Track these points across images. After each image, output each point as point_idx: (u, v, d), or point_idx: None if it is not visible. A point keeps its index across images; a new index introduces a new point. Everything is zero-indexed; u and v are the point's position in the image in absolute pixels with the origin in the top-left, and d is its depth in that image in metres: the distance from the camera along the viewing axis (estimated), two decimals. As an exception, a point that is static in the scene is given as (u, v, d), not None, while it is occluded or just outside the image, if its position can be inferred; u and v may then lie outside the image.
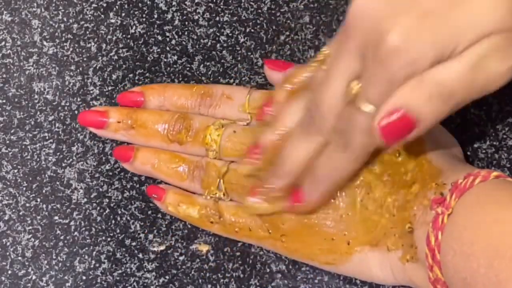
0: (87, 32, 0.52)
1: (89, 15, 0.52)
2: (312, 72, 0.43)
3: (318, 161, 0.41)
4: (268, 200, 0.44)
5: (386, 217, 0.42)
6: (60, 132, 0.50)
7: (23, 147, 0.49)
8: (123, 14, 0.52)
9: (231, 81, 0.50)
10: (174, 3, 0.52)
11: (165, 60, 0.51)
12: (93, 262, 0.47)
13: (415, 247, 0.40)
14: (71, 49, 0.51)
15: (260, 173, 0.44)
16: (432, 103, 0.36)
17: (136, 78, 0.51)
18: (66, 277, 0.47)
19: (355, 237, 0.43)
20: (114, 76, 0.51)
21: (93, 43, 0.51)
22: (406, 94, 0.36)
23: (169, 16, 0.52)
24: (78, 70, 0.51)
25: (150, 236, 0.48)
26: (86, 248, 0.47)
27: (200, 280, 0.47)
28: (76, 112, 0.50)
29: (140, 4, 0.52)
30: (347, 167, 0.41)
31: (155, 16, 0.52)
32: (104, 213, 0.48)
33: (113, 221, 0.48)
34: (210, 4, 0.52)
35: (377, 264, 0.43)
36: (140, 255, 0.47)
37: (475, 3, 0.35)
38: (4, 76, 0.51)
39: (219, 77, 0.51)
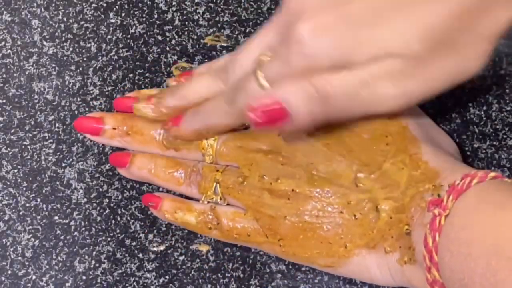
0: (87, 32, 0.52)
1: (89, 15, 0.52)
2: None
3: (207, 101, 0.44)
4: (154, 111, 0.46)
5: (383, 220, 0.42)
6: (60, 132, 0.50)
7: (23, 147, 0.49)
8: (123, 14, 0.52)
9: (231, 81, 0.51)
10: (174, 3, 0.52)
11: (165, 60, 0.51)
12: (93, 262, 0.47)
13: (412, 249, 0.40)
14: (71, 49, 0.51)
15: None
16: (310, 105, 0.38)
17: (136, 78, 0.51)
18: (66, 277, 0.47)
19: (352, 240, 0.43)
20: (114, 76, 0.51)
21: (93, 43, 0.51)
22: (289, 88, 0.38)
23: (169, 16, 0.52)
24: (78, 70, 0.51)
25: (150, 236, 0.48)
26: (86, 248, 0.47)
27: (200, 280, 0.47)
28: (76, 112, 0.50)
29: (140, 4, 0.52)
30: (223, 119, 0.44)
31: (155, 16, 0.52)
32: (104, 213, 0.48)
33: (113, 221, 0.48)
34: (210, 4, 0.52)
35: (376, 266, 0.43)
36: (140, 255, 0.47)
37: (388, 24, 0.37)
38: (4, 76, 0.51)
39: (219, 77, 0.51)
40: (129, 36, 0.52)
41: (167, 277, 0.47)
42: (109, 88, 0.50)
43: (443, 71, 0.38)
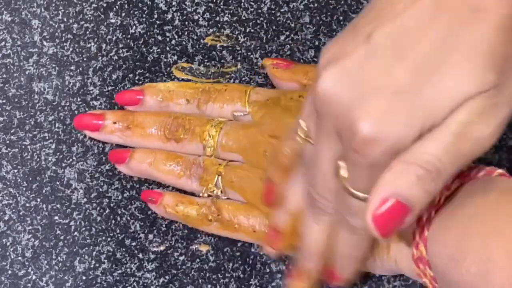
0: (87, 32, 0.52)
1: (89, 15, 0.52)
2: (299, 146, 0.41)
3: (337, 241, 0.41)
4: (310, 279, 0.44)
5: None
6: (60, 132, 0.50)
7: (23, 147, 0.49)
8: (123, 14, 0.52)
9: (231, 81, 0.50)
10: (174, 3, 0.52)
11: (165, 60, 0.51)
12: (93, 262, 0.47)
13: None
14: (71, 49, 0.51)
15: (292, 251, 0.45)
16: (421, 185, 0.34)
17: (136, 78, 0.51)
18: (66, 277, 0.47)
19: None
20: (114, 76, 0.51)
21: (93, 43, 0.51)
22: (393, 181, 0.34)
23: (169, 16, 0.52)
24: (78, 70, 0.51)
25: (150, 236, 0.47)
26: (86, 248, 0.47)
27: (200, 280, 0.47)
28: (76, 112, 0.50)
29: (140, 4, 0.52)
30: (362, 245, 0.41)
31: (155, 16, 0.52)
32: (104, 213, 0.48)
33: (113, 221, 0.48)
34: (210, 4, 0.52)
35: None
36: (140, 255, 0.47)
37: (446, 72, 0.33)
38: (4, 76, 0.51)
39: (219, 77, 0.51)
40: (129, 36, 0.52)
41: (167, 277, 0.47)
42: (109, 88, 0.50)
43: None
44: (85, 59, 0.51)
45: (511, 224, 0.35)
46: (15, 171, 0.49)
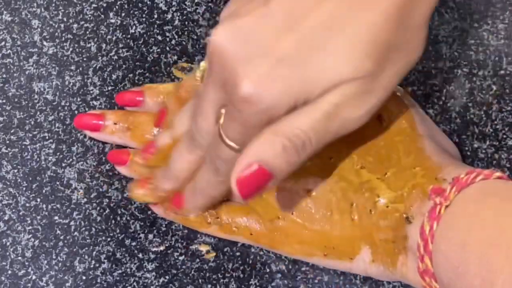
0: (87, 32, 0.52)
1: (89, 15, 0.52)
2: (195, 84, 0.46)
3: (197, 175, 0.43)
4: (152, 195, 0.46)
5: (379, 209, 0.42)
6: (60, 132, 0.50)
7: (23, 147, 0.49)
8: (123, 14, 0.52)
9: (231, 81, 0.50)
10: (174, 3, 0.52)
11: (165, 60, 0.51)
12: (93, 262, 0.47)
13: (406, 238, 0.41)
14: (71, 49, 0.51)
15: (150, 168, 0.46)
16: (285, 156, 0.37)
17: (136, 78, 0.51)
18: (66, 277, 0.47)
19: (350, 235, 0.43)
20: (114, 76, 0.51)
21: (93, 43, 0.51)
22: (260, 148, 0.37)
23: (169, 16, 0.52)
24: (78, 70, 0.51)
25: (150, 236, 0.48)
26: (86, 248, 0.47)
27: (200, 280, 0.47)
28: (76, 112, 0.50)
29: (140, 4, 0.52)
30: (218, 188, 0.43)
31: (155, 16, 0.52)
32: (104, 213, 0.48)
33: (113, 221, 0.48)
34: (210, 4, 0.52)
35: (370, 258, 0.43)
36: (140, 255, 0.47)
37: (329, 51, 0.35)
38: (4, 76, 0.51)
39: (219, 77, 0.51)
40: (129, 36, 0.52)
41: (167, 277, 0.47)
42: (109, 88, 0.50)
43: (395, 73, 0.38)
44: (85, 59, 0.51)
45: (509, 233, 0.35)
46: (15, 171, 0.49)
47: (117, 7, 0.52)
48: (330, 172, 0.43)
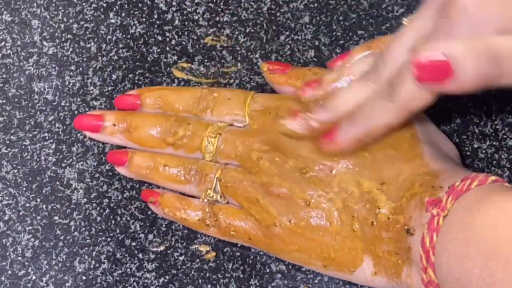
0: (87, 32, 0.52)
1: (89, 15, 0.52)
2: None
3: (361, 105, 0.42)
4: (304, 127, 0.43)
5: (381, 221, 0.42)
6: (60, 132, 0.50)
7: (23, 147, 0.49)
8: (123, 14, 0.52)
9: (231, 81, 0.50)
10: (174, 3, 0.52)
11: (165, 60, 0.51)
12: (93, 262, 0.47)
13: (409, 249, 0.40)
14: (71, 49, 0.51)
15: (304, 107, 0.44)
16: (477, 61, 0.36)
17: (136, 78, 0.51)
18: (66, 277, 0.47)
19: (351, 244, 0.43)
20: (114, 76, 0.51)
21: (93, 43, 0.51)
22: (454, 43, 0.36)
23: (169, 16, 0.52)
24: (78, 70, 0.51)
25: (150, 236, 0.48)
26: (86, 248, 0.47)
27: (200, 280, 0.47)
28: (76, 112, 0.50)
29: (140, 4, 0.52)
30: (386, 117, 0.41)
31: (155, 16, 0.52)
32: (104, 213, 0.48)
33: (113, 221, 0.48)
34: (210, 4, 0.52)
35: (373, 268, 0.43)
36: (140, 255, 0.47)
37: None
38: (4, 76, 0.51)
39: (219, 77, 0.51)
40: (129, 36, 0.52)
41: (167, 277, 0.47)
42: (109, 88, 0.50)
43: None
44: (85, 59, 0.51)
45: (508, 243, 0.35)
46: (15, 171, 0.49)
47: (117, 7, 0.52)
48: (330, 182, 0.43)
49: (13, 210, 0.48)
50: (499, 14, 0.36)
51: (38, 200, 0.48)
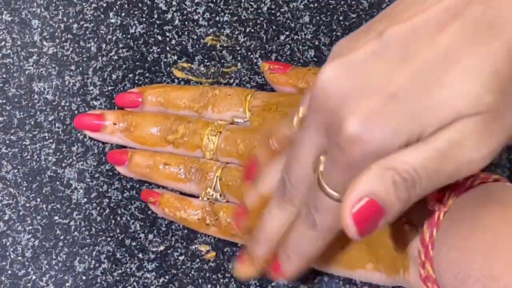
0: (87, 32, 0.52)
1: (89, 15, 0.52)
2: (291, 132, 0.41)
3: (290, 233, 0.41)
4: (255, 265, 0.43)
5: None
6: (60, 132, 0.50)
7: (23, 147, 0.49)
8: (123, 14, 0.52)
9: (231, 81, 0.50)
10: (174, 3, 0.52)
11: (165, 60, 0.51)
12: (93, 262, 0.47)
13: (408, 245, 0.41)
14: (71, 49, 0.51)
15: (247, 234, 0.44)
16: (396, 190, 0.33)
17: (136, 78, 0.51)
18: (66, 277, 0.47)
19: (350, 241, 0.43)
20: (114, 76, 0.51)
21: (93, 43, 0.51)
22: (371, 182, 0.33)
23: (169, 16, 0.52)
24: (78, 70, 0.51)
25: (150, 236, 0.48)
26: (86, 248, 0.47)
27: (200, 280, 0.47)
28: (76, 112, 0.50)
29: (140, 4, 0.52)
30: (316, 244, 0.40)
31: (155, 16, 0.52)
32: (104, 213, 0.48)
33: (113, 221, 0.48)
34: (210, 4, 0.52)
35: (370, 264, 0.43)
36: (140, 255, 0.47)
37: (445, 84, 0.32)
38: (4, 76, 0.51)
39: (219, 77, 0.51)
40: (129, 36, 0.52)
41: (167, 277, 0.47)
42: (109, 88, 0.50)
43: None
44: (85, 59, 0.51)
45: (510, 237, 0.35)
46: (15, 171, 0.49)
47: (117, 7, 0.52)
48: None
49: (13, 210, 0.48)
50: (392, 132, 0.32)
51: (38, 200, 0.48)
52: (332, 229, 0.38)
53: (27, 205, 0.48)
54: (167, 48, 0.51)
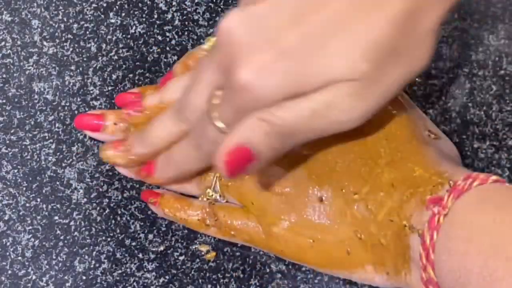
0: (87, 32, 0.52)
1: (89, 15, 0.52)
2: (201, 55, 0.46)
3: (175, 147, 0.44)
4: (122, 157, 0.46)
5: (380, 219, 0.42)
6: (60, 132, 0.50)
7: (23, 147, 0.49)
8: (123, 14, 0.52)
9: (231, 81, 0.50)
10: (174, 3, 0.52)
11: (165, 60, 0.51)
12: (93, 262, 0.47)
13: (408, 248, 0.41)
14: (71, 49, 0.51)
15: (131, 128, 0.47)
16: (269, 140, 0.38)
17: (136, 78, 0.51)
18: (66, 277, 0.47)
19: (351, 244, 0.43)
20: (114, 76, 0.51)
21: (93, 43, 0.51)
22: (247, 130, 0.37)
23: (169, 16, 0.52)
24: (78, 70, 0.51)
25: (150, 236, 0.48)
26: (86, 248, 0.47)
27: (200, 280, 0.47)
28: (76, 112, 0.50)
29: (140, 4, 0.52)
30: (194, 164, 0.44)
31: (155, 16, 0.52)
32: (104, 213, 0.48)
33: (113, 221, 0.48)
34: (210, 4, 0.52)
35: (372, 267, 0.42)
36: (140, 255, 0.47)
37: (329, 49, 0.35)
38: (4, 76, 0.51)
39: (219, 77, 0.51)
40: (129, 36, 0.52)
41: (167, 277, 0.47)
42: (109, 88, 0.50)
43: (394, 79, 0.37)
44: (85, 59, 0.51)
45: (509, 241, 0.35)
46: (15, 171, 0.49)
47: (117, 7, 0.52)
48: (332, 181, 0.43)
49: (13, 210, 0.48)
50: (278, 85, 0.36)
51: (38, 200, 0.48)
52: (211, 155, 0.40)
53: (27, 205, 0.48)
54: (167, 48, 0.51)
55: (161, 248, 0.47)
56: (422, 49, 0.37)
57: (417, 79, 0.49)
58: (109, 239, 0.47)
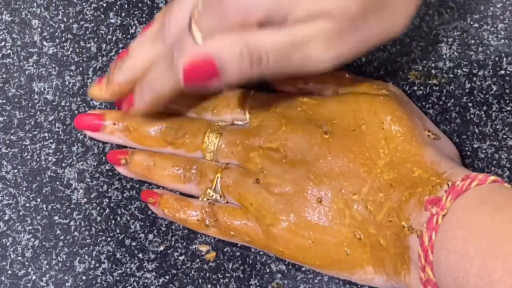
0: (87, 32, 0.52)
1: (89, 15, 0.52)
2: None
3: (150, 68, 0.43)
4: (107, 91, 0.46)
5: (379, 219, 0.42)
6: (60, 132, 0.50)
7: (23, 147, 0.49)
8: (123, 14, 0.52)
9: (231, 81, 0.50)
10: (174, 3, 0.52)
11: (165, 60, 0.51)
12: (93, 262, 0.47)
13: (408, 248, 0.40)
14: (71, 49, 0.51)
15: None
16: (240, 61, 0.37)
17: (136, 78, 0.51)
18: (66, 277, 0.47)
19: (351, 244, 0.43)
20: (114, 76, 0.51)
21: (93, 43, 0.51)
22: (221, 45, 0.37)
23: (169, 16, 0.52)
24: (78, 70, 0.51)
25: (150, 236, 0.48)
26: (86, 248, 0.47)
27: (200, 280, 0.47)
28: (76, 112, 0.50)
29: (140, 4, 0.52)
30: (168, 84, 0.42)
31: (155, 16, 0.52)
32: (104, 213, 0.48)
33: (113, 221, 0.48)
34: (210, 4, 0.52)
35: (372, 268, 0.42)
36: (140, 255, 0.47)
37: None
38: (4, 76, 0.51)
39: (219, 77, 0.51)
40: (129, 36, 0.52)
41: (167, 277, 0.47)
42: (109, 88, 0.50)
43: (373, 32, 0.38)
44: (85, 59, 0.51)
45: (507, 242, 0.35)
46: (15, 171, 0.49)
47: (117, 7, 0.52)
48: (331, 181, 0.43)
49: (13, 210, 0.48)
50: (267, 4, 0.36)
51: (38, 200, 0.48)
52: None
53: (27, 205, 0.48)
54: (167, 48, 0.51)
55: (161, 248, 0.47)
56: (403, 11, 0.38)
57: (417, 79, 0.49)
58: (109, 239, 0.47)
